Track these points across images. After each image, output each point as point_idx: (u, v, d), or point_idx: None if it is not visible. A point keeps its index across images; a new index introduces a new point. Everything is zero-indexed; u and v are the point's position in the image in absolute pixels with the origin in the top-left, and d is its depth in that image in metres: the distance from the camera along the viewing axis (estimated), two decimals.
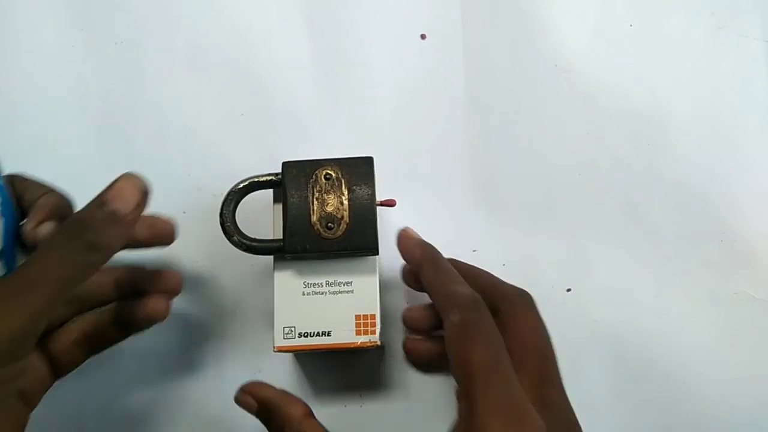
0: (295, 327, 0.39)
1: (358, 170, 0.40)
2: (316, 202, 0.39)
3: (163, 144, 0.47)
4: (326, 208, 0.39)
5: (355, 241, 0.39)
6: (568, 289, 0.46)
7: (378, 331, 0.39)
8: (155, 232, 0.40)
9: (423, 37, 0.49)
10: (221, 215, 0.40)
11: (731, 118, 0.48)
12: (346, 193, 0.39)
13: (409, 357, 0.45)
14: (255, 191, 0.40)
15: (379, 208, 0.40)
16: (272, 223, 0.41)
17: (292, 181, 0.39)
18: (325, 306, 0.40)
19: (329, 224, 0.39)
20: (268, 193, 0.41)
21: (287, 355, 0.45)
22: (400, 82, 0.48)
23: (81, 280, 0.33)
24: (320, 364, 0.45)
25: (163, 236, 0.41)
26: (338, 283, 0.40)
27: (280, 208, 0.40)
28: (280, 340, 0.39)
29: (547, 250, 0.46)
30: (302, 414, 0.37)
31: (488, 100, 0.48)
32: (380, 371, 0.45)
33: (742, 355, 0.45)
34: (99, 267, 0.34)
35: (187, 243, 0.46)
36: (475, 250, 0.46)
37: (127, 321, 0.40)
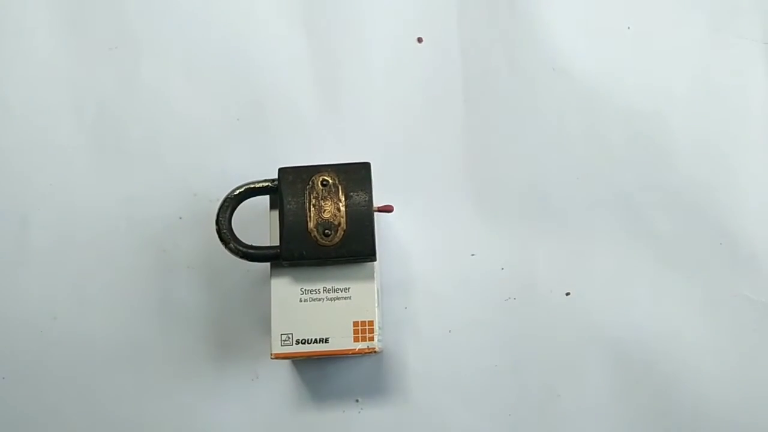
0: (292, 334, 0.39)
1: (355, 176, 0.39)
2: (312, 209, 0.39)
3: (159, 149, 0.47)
4: (323, 215, 0.39)
5: (353, 247, 0.39)
6: (567, 293, 0.46)
7: (376, 338, 0.39)
8: None
9: (420, 40, 0.48)
10: (217, 222, 0.39)
11: (730, 120, 0.47)
12: (343, 199, 0.39)
13: None
14: (251, 197, 0.40)
15: (376, 214, 0.40)
16: (269, 229, 0.40)
17: (289, 188, 0.39)
18: (323, 312, 0.39)
19: (326, 231, 0.39)
20: (265, 200, 0.41)
21: (285, 361, 0.45)
22: (397, 85, 0.48)
23: None
24: (318, 369, 0.45)
25: None
26: (336, 290, 0.40)
27: (277, 214, 0.39)
28: (277, 347, 0.39)
29: (546, 253, 0.46)
30: None
31: (486, 103, 0.48)
32: (378, 377, 0.45)
33: (742, 358, 0.45)
34: None
35: (183, 249, 0.46)
36: (473, 254, 0.46)
37: None
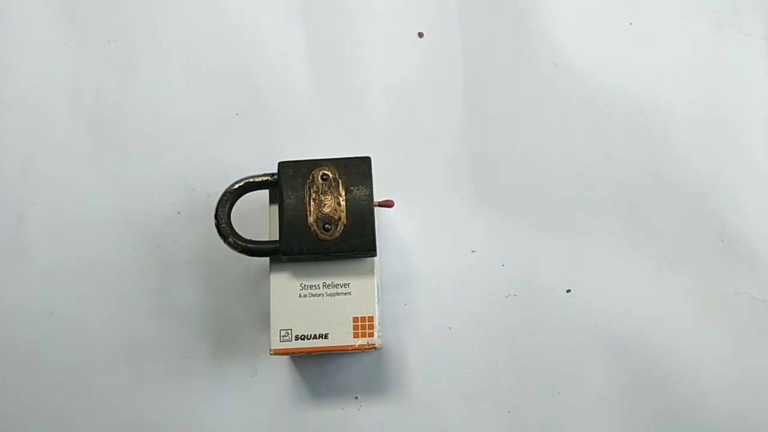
0: (291, 329, 0.39)
1: (356, 170, 0.39)
2: (312, 203, 0.39)
3: (157, 143, 0.47)
4: (323, 209, 0.39)
5: (353, 242, 0.38)
6: (568, 290, 0.46)
7: (376, 334, 0.39)
8: None
9: (420, 35, 0.48)
10: (216, 216, 0.39)
11: (732, 117, 0.47)
12: (344, 193, 0.39)
13: None
14: (251, 192, 0.40)
15: (377, 209, 0.39)
16: (268, 224, 0.40)
17: (289, 182, 0.39)
18: (322, 308, 0.39)
19: (326, 225, 0.38)
20: (264, 194, 0.40)
21: (284, 357, 0.44)
22: (397, 80, 0.48)
23: None
24: (317, 366, 0.45)
25: None
26: (335, 285, 0.39)
27: (276, 209, 0.39)
28: (276, 343, 0.39)
29: (547, 250, 0.46)
30: None
31: (487, 99, 0.47)
32: (378, 374, 0.45)
33: (744, 356, 0.45)
34: None
35: (182, 244, 0.45)
36: (474, 251, 0.46)
37: None
